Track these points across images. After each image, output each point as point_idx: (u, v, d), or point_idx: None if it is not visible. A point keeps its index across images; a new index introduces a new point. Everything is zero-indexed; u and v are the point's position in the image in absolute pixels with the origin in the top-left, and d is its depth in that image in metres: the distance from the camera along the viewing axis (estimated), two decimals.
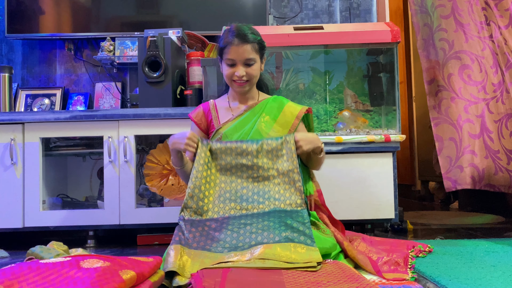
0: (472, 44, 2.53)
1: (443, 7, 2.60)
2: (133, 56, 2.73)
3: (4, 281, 1.02)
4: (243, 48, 1.68)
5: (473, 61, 2.51)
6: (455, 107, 2.49)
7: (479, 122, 2.47)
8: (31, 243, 1.56)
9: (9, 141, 2.22)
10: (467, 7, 2.57)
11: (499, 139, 2.46)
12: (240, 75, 1.69)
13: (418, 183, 4.38)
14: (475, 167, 2.43)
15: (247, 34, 1.68)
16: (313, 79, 2.66)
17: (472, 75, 2.50)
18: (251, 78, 1.72)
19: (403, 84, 4.58)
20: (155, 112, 2.22)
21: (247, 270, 1.28)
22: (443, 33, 2.57)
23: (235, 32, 1.68)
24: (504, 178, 2.41)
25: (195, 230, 1.51)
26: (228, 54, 1.69)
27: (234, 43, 1.67)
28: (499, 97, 2.48)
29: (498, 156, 2.44)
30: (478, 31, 2.54)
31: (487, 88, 2.49)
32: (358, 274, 1.31)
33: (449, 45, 2.55)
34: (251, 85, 1.76)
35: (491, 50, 2.52)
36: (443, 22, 2.59)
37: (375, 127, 2.55)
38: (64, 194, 2.53)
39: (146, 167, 2.35)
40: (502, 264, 1.54)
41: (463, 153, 2.45)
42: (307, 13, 2.92)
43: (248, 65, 1.71)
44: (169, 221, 2.21)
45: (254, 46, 1.70)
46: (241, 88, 1.74)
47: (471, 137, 2.46)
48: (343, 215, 2.27)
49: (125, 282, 1.08)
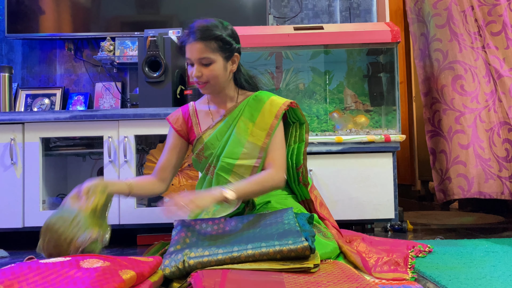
0: (466, 54, 2.58)
1: (439, 16, 2.64)
2: (133, 56, 2.73)
3: (4, 281, 1.02)
4: (195, 47, 1.53)
5: (466, 71, 2.56)
6: (446, 118, 2.56)
7: (470, 132, 2.53)
8: (31, 243, 1.56)
9: (9, 141, 2.22)
10: (461, 17, 2.61)
11: (490, 147, 2.51)
12: (194, 75, 1.56)
13: (418, 183, 4.38)
14: (463, 177, 2.49)
15: (205, 31, 1.53)
16: (313, 79, 2.66)
17: (465, 85, 2.55)
18: (209, 79, 1.57)
19: (403, 84, 4.58)
20: (155, 112, 2.22)
21: (247, 270, 1.28)
22: (438, 43, 2.62)
23: (192, 29, 1.56)
24: (496, 185, 2.47)
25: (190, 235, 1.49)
26: (185, 52, 1.58)
27: (188, 41, 1.56)
28: (491, 106, 2.53)
29: (489, 164, 2.50)
30: (471, 41, 2.59)
31: (479, 97, 2.54)
32: (358, 274, 1.31)
33: (443, 56, 2.61)
34: (213, 87, 1.61)
35: (484, 60, 2.57)
36: (438, 32, 2.64)
37: (375, 127, 2.55)
38: (64, 194, 2.52)
39: (146, 167, 2.35)
40: (502, 264, 1.54)
41: (452, 164, 2.52)
42: (307, 13, 2.92)
43: (204, 65, 1.56)
44: (169, 221, 2.20)
45: (211, 45, 1.53)
46: (203, 90, 1.62)
47: (461, 148, 2.52)
48: (343, 215, 2.27)
49: (125, 282, 1.08)
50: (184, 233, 1.48)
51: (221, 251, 1.33)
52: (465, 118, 2.53)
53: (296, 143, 1.73)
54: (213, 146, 1.65)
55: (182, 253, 1.33)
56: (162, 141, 2.42)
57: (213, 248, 1.35)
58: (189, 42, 1.55)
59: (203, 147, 1.66)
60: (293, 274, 1.28)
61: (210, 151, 1.66)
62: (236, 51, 1.62)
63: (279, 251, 1.31)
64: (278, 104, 1.64)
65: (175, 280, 1.31)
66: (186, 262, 1.30)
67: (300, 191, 1.75)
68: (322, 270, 1.33)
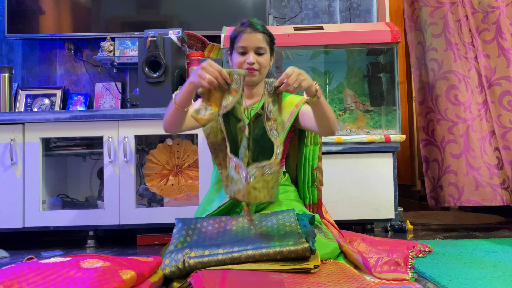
0: (460, 64, 2.64)
1: (435, 25, 2.69)
2: (133, 56, 2.73)
3: (4, 281, 1.02)
4: (255, 36, 1.70)
5: (460, 81, 2.62)
6: (440, 128, 2.63)
7: (462, 142, 2.61)
8: (31, 243, 1.56)
9: (9, 141, 2.22)
10: (457, 26, 2.66)
11: (481, 156, 2.59)
12: (251, 61, 1.69)
13: (418, 183, 4.37)
14: (454, 186, 2.59)
15: (262, 25, 1.74)
16: (313, 79, 2.65)
17: (459, 95, 2.62)
18: (261, 67, 1.72)
19: (403, 84, 4.58)
20: (155, 112, 2.22)
21: (247, 271, 1.28)
22: (434, 53, 2.68)
23: (247, 23, 1.73)
24: (486, 192, 2.55)
25: (191, 233, 1.49)
26: (239, 42, 1.72)
27: (246, 31, 1.71)
28: (483, 115, 2.60)
29: (480, 172, 2.59)
30: (465, 51, 2.65)
31: (472, 107, 2.61)
32: (358, 274, 1.31)
33: (439, 65, 2.67)
34: (260, 76, 1.75)
35: (476, 70, 2.63)
36: (434, 41, 2.69)
37: (375, 127, 2.55)
38: (64, 194, 2.53)
39: (146, 167, 2.35)
40: (502, 264, 1.54)
41: (444, 173, 2.62)
42: (307, 13, 2.92)
43: (259, 54, 1.72)
44: (169, 221, 2.21)
45: (265, 37, 1.73)
46: (250, 76, 1.72)
47: (453, 158, 2.61)
48: (343, 215, 2.27)
49: (125, 282, 1.08)
50: (185, 231, 1.48)
51: (221, 251, 1.33)
52: (457, 128, 2.61)
53: (312, 144, 1.83)
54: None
55: (183, 252, 1.33)
56: (162, 141, 2.43)
57: (214, 247, 1.35)
58: (247, 32, 1.71)
59: None
60: (293, 274, 1.28)
61: None
62: (274, 50, 1.82)
63: (279, 252, 1.31)
64: (298, 97, 1.78)
65: (175, 280, 1.31)
66: (186, 262, 1.30)
67: (311, 194, 1.82)
68: (322, 270, 1.34)
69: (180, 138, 2.39)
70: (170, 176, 2.33)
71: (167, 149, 2.36)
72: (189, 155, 2.35)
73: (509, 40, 2.61)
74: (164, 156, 2.34)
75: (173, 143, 2.36)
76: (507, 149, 2.56)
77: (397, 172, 2.30)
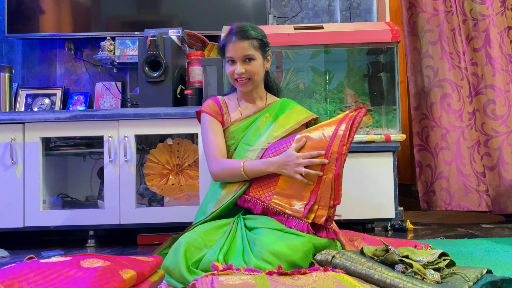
0: (453, 73, 2.70)
1: (432, 32, 2.72)
2: (133, 55, 2.73)
3: (5, 281, 1.02)
4: (240, 45, 1.68)
5: (453, 90, 2.68)
6: (434, 135, 2.71)
7: (454, 149, 2.68)
8: (32, 243, 1.56)
9: (9, 140, 2.22)
10: (451, 34, 2.70)
11: (471, 163, 2.69)
12: (239, 72, 1.69)
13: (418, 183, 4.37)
14: (446, 191, 2.66)
15: (246, 31, 1.69)
16: (313, 78, 2.65)
17: (452, 103, 2.68)
18: (251, 75, 1.71)
19: (403, 83, 4.57)
20: (155, 111, 2.22)
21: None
22: (430, 60, 2.72)
23: (234, 30, 1.71)
24: (474, 198, 2.64)
25: None
26: (227, 52, 1.72)
27: (231, 41, 1.69)
28: (473, 124, 2.70)
29: (469, 179, 2.67)
30: (459, 61, 2.70)
31: (463, 116, 2.68)
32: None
33: (434, 73, 2.71)
34: (254, 83, 1.75)
35: (468, 80, 2.68)
36: (430, 48, 2.73)
37: (375, 126, 2.55)
38: (64, 194, 2.53)
39: (146, 166, 2.35)
40: (502, 263, 1.54)
41: (437, 179, 2.68)
42: (307, 12, 2.92)
43: (247, 62, 1.70)
44: (169, 220, 2.21)
45: (253, 43, 1.69)
46: (244, 87, 1.74)
47: (445, 164, 2.67)
48: (343, 215, 2.26)
49: (125, 281, 1.08)
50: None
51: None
52: (450, 135, 2.67)
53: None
54: (237, 136, 1.76)
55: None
56: (162, 141, 2.42)
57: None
58: (232, 41, 1.69)
59: (229, 135, 1.77)
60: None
61: (234, 140, 1.76)
62: (269, 50, 1.78)
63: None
64: (304, 115, 1.78)
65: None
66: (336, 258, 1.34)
67: None
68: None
69: (180, 137, 2.39)
70: (171, 175, 2.34)
71: (167, 148, 2.36)
72: (189, 155, 2.35)
73: (497, 49, 2.65)
74: (165, 156, 2.34)
75: (174, 143, 2.36)
76: (488, 155, 2.63)
77: (397, 171, 2.30)
